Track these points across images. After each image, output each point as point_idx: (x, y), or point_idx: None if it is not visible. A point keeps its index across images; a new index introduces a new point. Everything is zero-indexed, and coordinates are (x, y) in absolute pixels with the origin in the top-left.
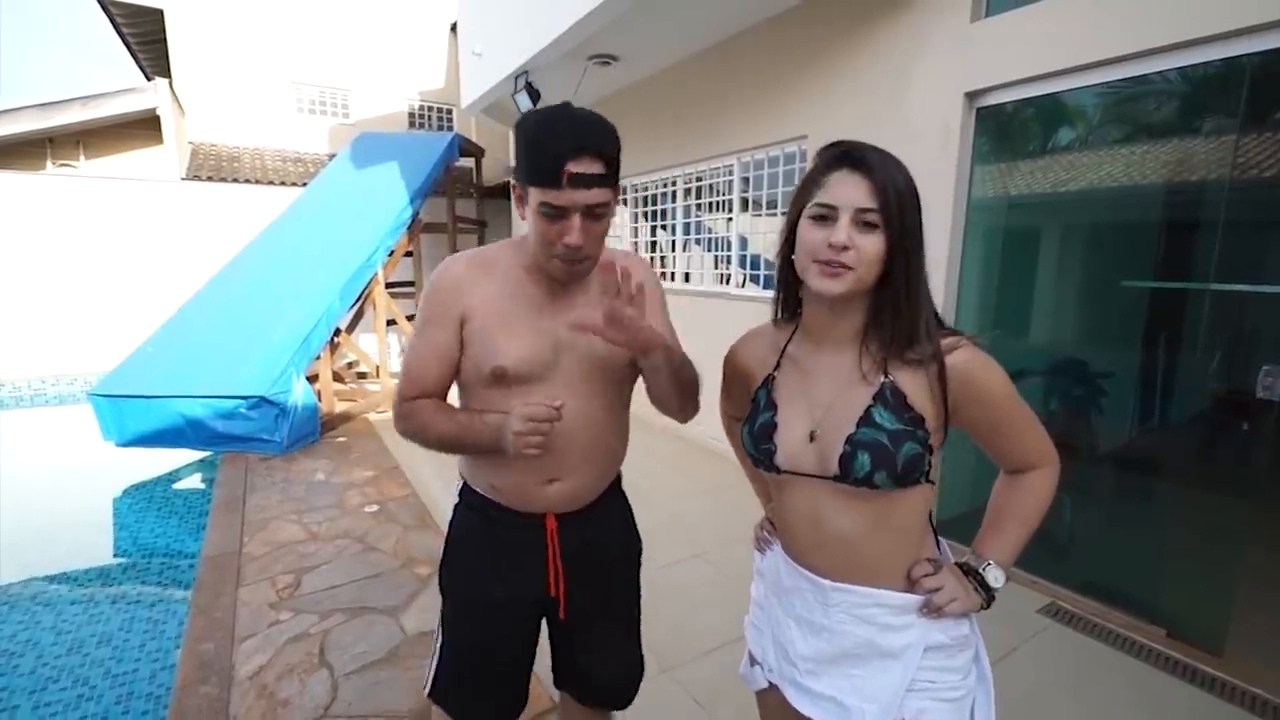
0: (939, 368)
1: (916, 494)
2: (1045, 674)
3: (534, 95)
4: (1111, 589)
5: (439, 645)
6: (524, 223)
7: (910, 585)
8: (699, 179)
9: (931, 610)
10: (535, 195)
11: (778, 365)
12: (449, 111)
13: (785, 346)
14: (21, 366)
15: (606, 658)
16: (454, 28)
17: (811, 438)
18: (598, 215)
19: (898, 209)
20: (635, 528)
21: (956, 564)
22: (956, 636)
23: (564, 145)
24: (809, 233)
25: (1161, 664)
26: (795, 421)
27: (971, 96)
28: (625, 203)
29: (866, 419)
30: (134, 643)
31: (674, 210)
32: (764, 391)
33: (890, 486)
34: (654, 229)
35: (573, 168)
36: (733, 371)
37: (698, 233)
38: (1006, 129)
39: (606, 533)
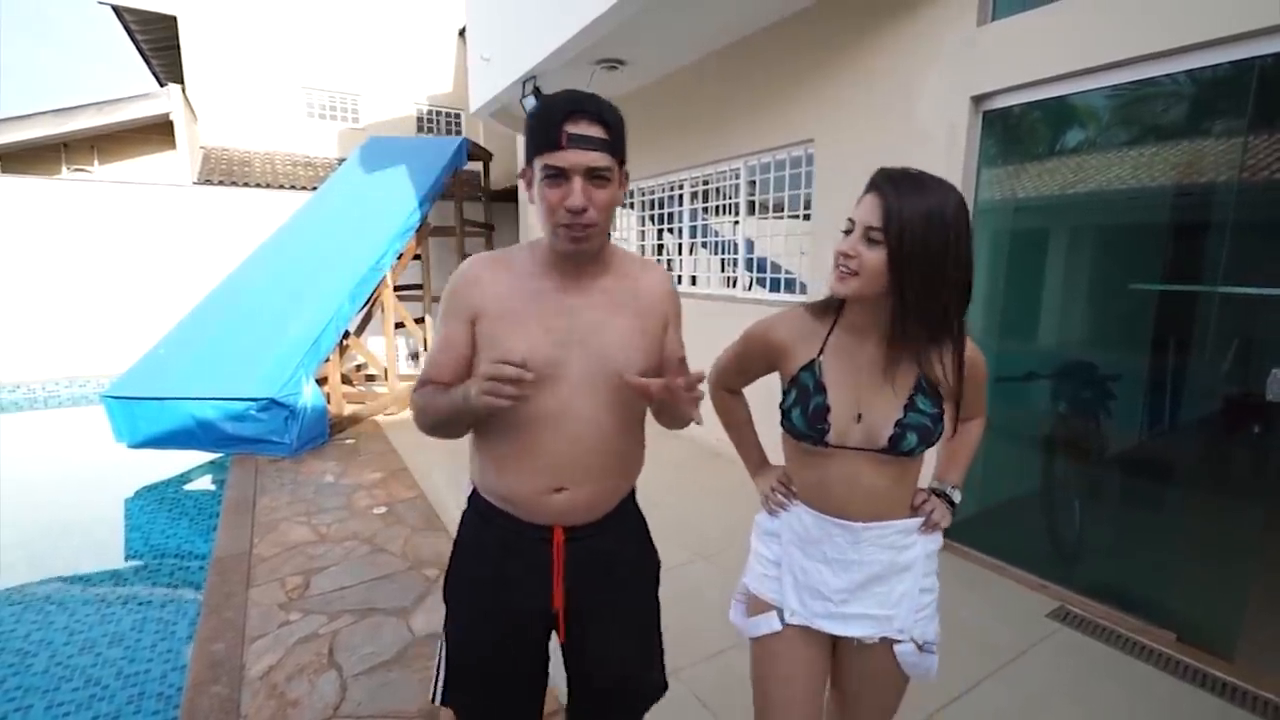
0: (959, 363)
1: (926, 452)
2: (1054, 678)
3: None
4: (1121, 593)
5: (442, 655)
6: (534, 217)
7: (913, 511)
8: (706, 182)
9: (929, 527)
10: (538, 164)
11: (821, 350)
12: (457, 116)
13: (828, 336)
14: (36, 368)
15: (614, 675)
16: (462, 33)
17: (859, 418)
18: (600, 181)
19: (899, 229)
20: (651, 544)
21: (930, 489)
22: (939, 542)
23: (561, 109)
24: (839, 240)
25: (1172, 668)
26: (844, 403)
27: (978, 100)
28: (632, 206)
29: (912, 405)
30: (145, 643)
31: (681, 213)
32: (810, 375)
33: (919, 453)
34: (660, 232)
35: (570, 129)
36: (763, 345)
37: (704, 236)
38: (1013, 132)
39: (617, 549)
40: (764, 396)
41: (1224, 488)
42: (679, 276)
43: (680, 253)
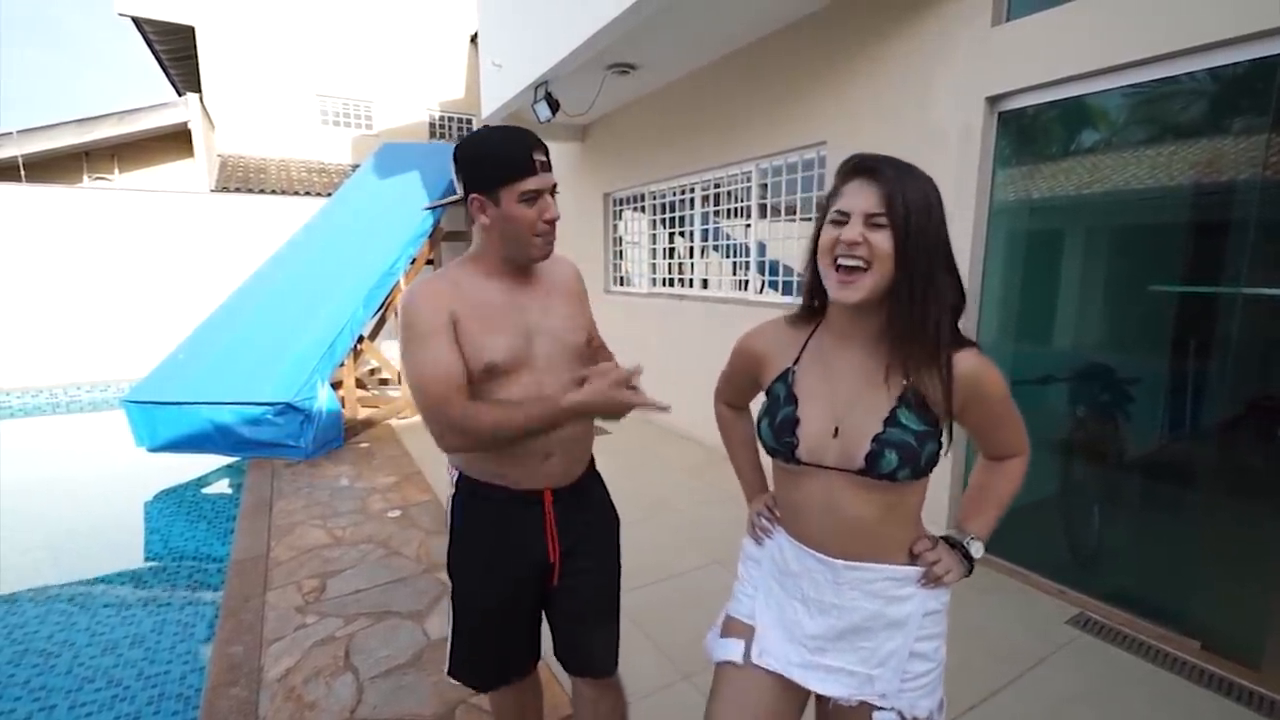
0: (948, 372)
1: (923, 483)
2: (1074, 686)
3: (553, 105)
4: (1142, 600)
5: (451, 625)
6: (480, 234)
7: (912, 559)
8: (717, 185)
9: (931, 580)
10: (513, 191)
11: (797, 360)
12: (469, 121)
13: (806, 342)
14: (58, 373)
15: (590, 628)
16: (474, 39)
17: (835, 433)
18: (554, 194)
19: (904, 212)
20: (612, 503)
21: (942, 538)
22: (944, 602)
23: (525, 143)
24: (826, 234)
25: (1195, 677)
26: (817, 416)
27: (993, 101)
28: (643, 209)
29: (893, 419)
30: (165, 644)
31: (692, 217)
32: (783, 385)
33: (909, 480)
34: (671, 236)
35: (538, 157)
36: (745, 358)
37: (716, 239)
38: (1028, 132)
39: (591, 505)
40: None
41: (1247, 493)
42: (690, 280)
43: (692, 256)
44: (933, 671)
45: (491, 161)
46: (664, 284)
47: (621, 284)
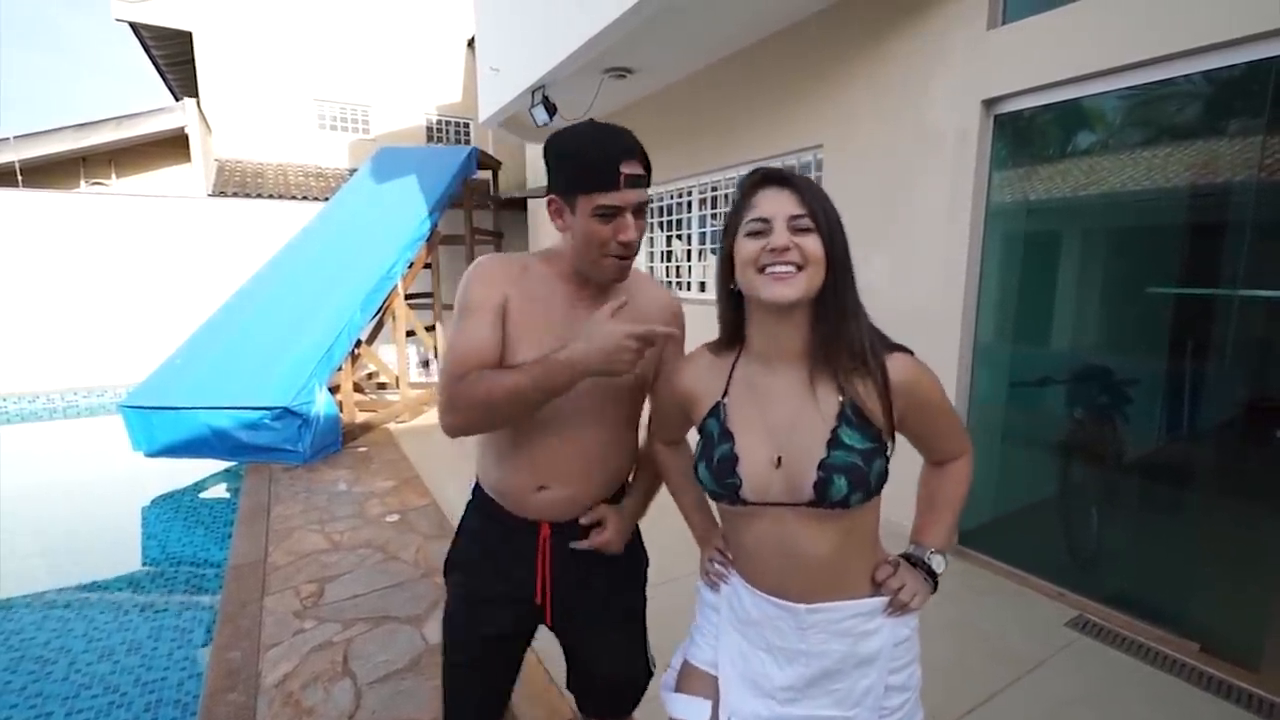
0: (883, 379)
1: (876, 503)
2: (1073, 689)
3: (550, 109)
4: (1141, 601)
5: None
6: (557, 234)
7: (875, 588)
8: (714, 189)
9: (897, 608)
10: (589, 201)
11: (725, 392)
12: (466, 125)
13: (731, 371)
14: (55, 378)
15: (601, 671)
16: (471, 43)
17: (778, 463)
18: (641, 213)
19: (825, 216)
20: (640, 544)
21: (902, 556)
22: (914, 626)
23: (617, 151)
24: (747, 246)
25: (1194, 679)
26: (757, 448)
27: (988, 104)
28: None
29: (835, 441)
30: (162, 650)
31: (689, 220)
32: (714, 421)
33: (862, 504)
34: (669, 239)
35: (626, 170)
36: (672, 396)
37: (713, 242)
38: (1024, 135)
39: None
40: None
41: (1246, 494)
42: (688, 283)
43: (689, 259)
44: (910, 698)
45: (573, 164)
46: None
47: None
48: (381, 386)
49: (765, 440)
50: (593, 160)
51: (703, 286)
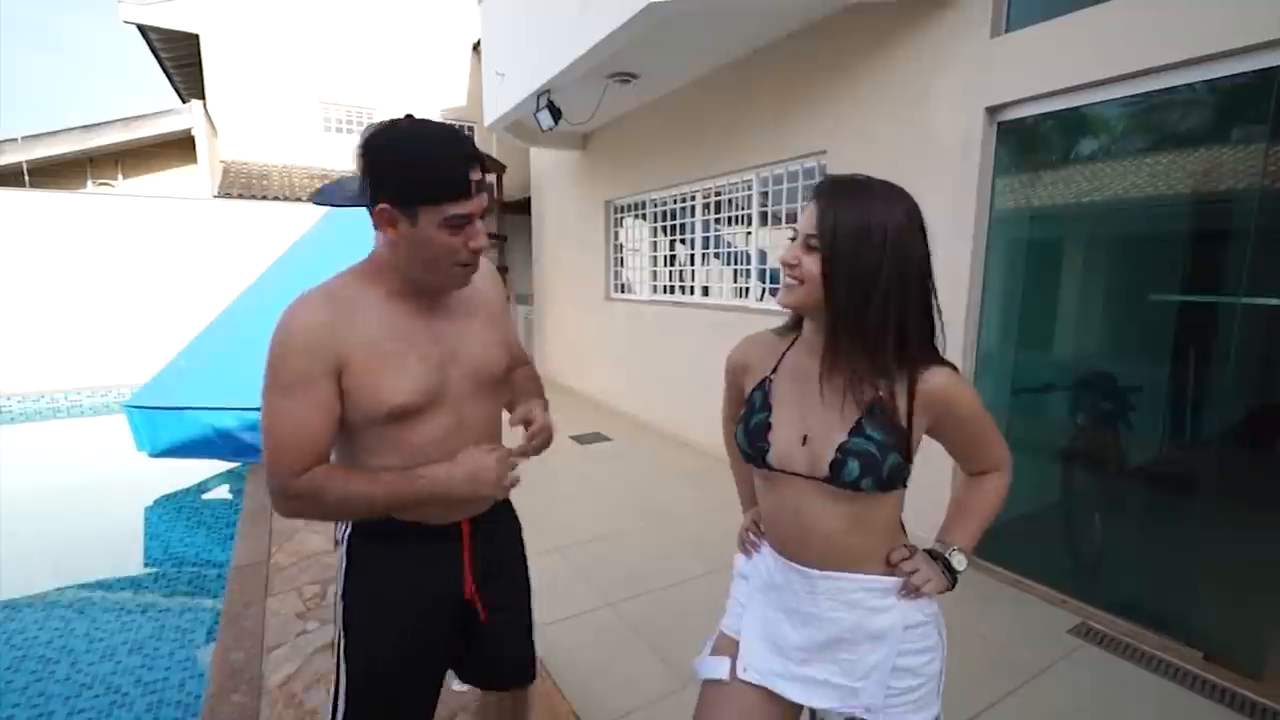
0: (911, 387)
1: (893, 496)
2: (1076, 696)
3: (555, 113)
4: (1145, 609)
5: (341, 680)
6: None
7: (889, 569)
8: (718, 193)
9: (909, 591)
10: (438, 212)
11: (774, 370)
12: (471, 129)
13: (784, 354)
14: (59, 378)
15: (517, 643)
16: (476, 47)
17: (804, 441)
18: (485, 216)
19: (832, 236)
20: (518, 520)
21: (925, 550)
22: (929, 614)
23: (463, 158)
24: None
25: (1197, 687)
26: (789, 424)
27: (992, 111)
28: (645, 217)
29: (858, 429)
30: (164, 650)
31: (693, 224)
32: (760, 393)
33: (873, 491)
34: (673, 243)
35: (475, 177)
36: (732, 374)
37: (717, 247)
38: (1028, 142)
39: (504, 531)
40: None
41: (1249, 502)
42: (691, 288)
43: (693, 263)
44: (923, 686)
45: (415, 172)
46: (665, 291)
47: (622, 291)
48: None
49: (797, 418)
50: (444, 169)
51: (705, 291)
